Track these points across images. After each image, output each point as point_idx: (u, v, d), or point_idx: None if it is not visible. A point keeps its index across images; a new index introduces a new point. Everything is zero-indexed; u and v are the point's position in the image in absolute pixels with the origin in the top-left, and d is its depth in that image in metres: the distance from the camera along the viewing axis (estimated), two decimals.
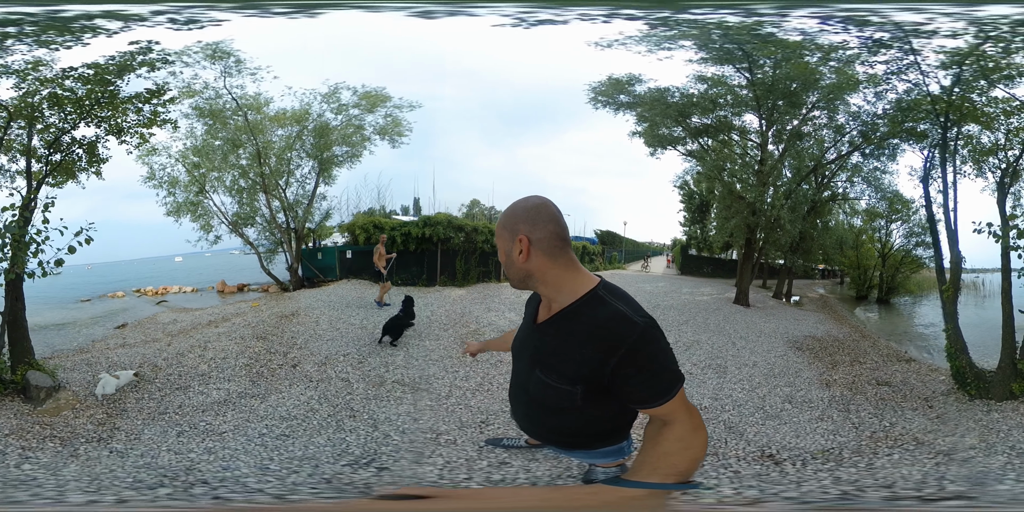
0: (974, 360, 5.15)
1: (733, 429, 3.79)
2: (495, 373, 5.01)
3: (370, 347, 6.05)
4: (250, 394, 4.54)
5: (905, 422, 4.18)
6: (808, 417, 4.17)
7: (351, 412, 4.07)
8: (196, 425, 3.87)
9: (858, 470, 3.16)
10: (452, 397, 4.38)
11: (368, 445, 3.39)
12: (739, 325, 8.10)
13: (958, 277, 5.63)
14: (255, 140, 11.07)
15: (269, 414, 4.06)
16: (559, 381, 1.14)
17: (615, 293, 1.13)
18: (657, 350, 1.09)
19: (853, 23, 6.31)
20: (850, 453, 3.47)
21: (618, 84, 9.99)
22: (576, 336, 1.11)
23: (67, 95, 5.78)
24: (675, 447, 1.09)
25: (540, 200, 1.16)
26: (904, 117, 7.68)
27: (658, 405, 1.09)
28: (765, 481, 2.97)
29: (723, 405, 4.32)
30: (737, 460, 3.25)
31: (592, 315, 1.09)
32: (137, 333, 7.53)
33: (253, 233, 11.87)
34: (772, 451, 3.43)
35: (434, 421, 3.82)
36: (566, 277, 1.14)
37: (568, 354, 1.12)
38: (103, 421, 4.04)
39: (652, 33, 7.44)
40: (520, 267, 1.14)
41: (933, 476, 3.06)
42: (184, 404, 4.34)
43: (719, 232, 12.71)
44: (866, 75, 7.76)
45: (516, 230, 1.12)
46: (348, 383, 4.78)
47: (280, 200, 11.71)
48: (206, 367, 5.27)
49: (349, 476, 2.91)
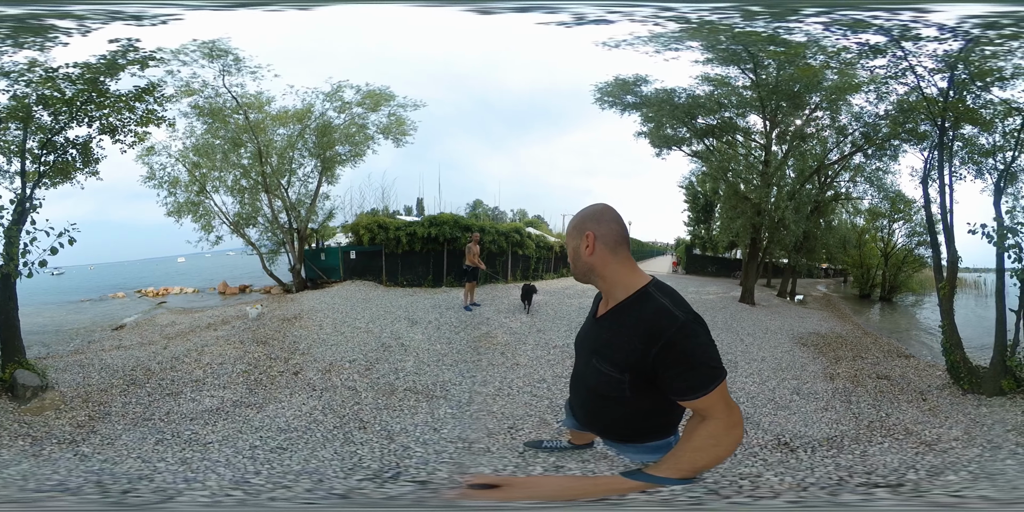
0: (971, 357, 5.68)
1: (749, 419, 4.23)
2: (513, 377, 5.05)
3: (377, 353, 5.88)
4: (246, 403, 4.43)
5: (900, 413, 4.73)
6: (814, 407, 4.74)
7: (360, 423, 3.92)
8: (180, 433, 3.81)
9: (854, 457, 3.63)
10: (473, 404, 4.31)
11: (387, 458, 3.27)
12: (746, 323, 8.68)
13: (955, 275, 6.17)
14: (256, 139, 11.27)
15: (265, 425, 3.93)
16: (610, 369, 1.28)
17: (663, 290, 1.29)
18: (696, 344, 1.19)
19: (854, 25, 6.73)
20: (849, 441, 3.98)
21: (625, 85, 10.47)
22: (626, 328, 1.26)
23: (55, 95, 5.92)
24: (705, 443, 1.20)
25: (605, 206, 1.37)
26: (905, 118, 8.19)
27: (695, 398, 1.19)
28: (787, 468, 3.37)
29: (737, 398, 4.78)
30: (760, 448, 3.69)
31: (640, 309, 1.25)
32: (134, 335, 7.62)
33: (255, 233, 12.15)
34: (786, 439, 3.88)
35: (460, 430, 3.73)
36: (623, 273, 1.31)
37: (619, 344, 1.27)
38: (83, 423, 4.07)
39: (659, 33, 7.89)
40: (585, 261, 1.33)
41: (907, 465, 3.44)
42: (172, 411, 4.29)
43: (723, 232, 13.26)
44: (867, 77, 8.20)
45: (584, 228, 1.33)
46: (355, 392, 4.67)
47: (282, 200, 11.96)
48: (201, 373, 5.24)
49: (374, 490, 2.78)
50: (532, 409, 4.19)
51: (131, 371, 5.35)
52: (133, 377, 5.16)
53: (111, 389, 4.86)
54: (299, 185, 12.22)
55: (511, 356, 5.81)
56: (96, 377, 5.22)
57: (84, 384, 5.01)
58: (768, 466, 3.39)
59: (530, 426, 3.80)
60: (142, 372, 5.30)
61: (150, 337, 7.34)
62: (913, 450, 3.80)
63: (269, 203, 11.89)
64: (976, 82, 6.30)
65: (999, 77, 6.21)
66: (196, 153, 11.34)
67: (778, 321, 9.22)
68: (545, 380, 4.95)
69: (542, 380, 4.97)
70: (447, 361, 5.66)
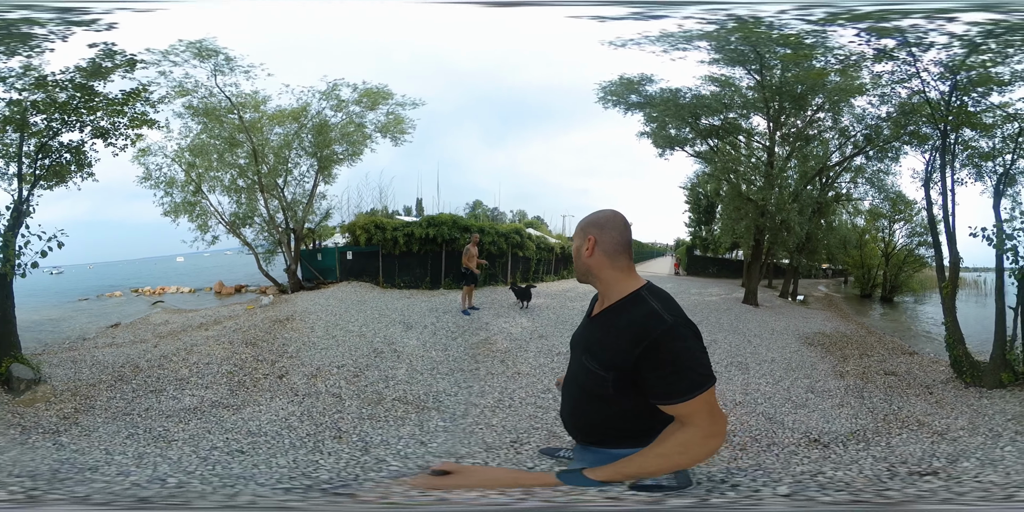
0: (972, 353, 5.91)
1: (773, 419, 4.32)
2: (514, 387, 4.88)
3: (368, 359, 5.76)
4: (224, 404, 4.45)
5: (910, 406, 4.91)
6: (830, 404, 4.87)
7: (337, 432, 3.82)
8: (152, 429, 3.89)
9: (881, 449, 3.78)
10: (469, 416, 4.13)
11: (349, 470, 3.13)
12: (752, 324, 8.83)
13: (956, 275, 6.42)
14: (251, 138, 11.22)
15: (237, 427, 3.92)
16: (597, 367, 1.32)
17: (656, 294, 1.33)
18: (681, 348, 1.20)
19: (879, 31, 6.88)
20: (872, 434, 4.13)
21: (629, 84, 10.61)
22: (616, 328, 1.31)
23: (45, 100, 6.07)
24: (672, 450, 1.20)
25: (613, 212, 1.44)
26: (906, 121, 8.42)
27: (675, 403, 1.19)
28: (834, 463, 3.45)
29: (755, 399, 4.87)
30: (796, 446, 3.78)
31: (631, 311, 1.31)
32: (127, 333, 7.74)
33: (251, 233, 12.12)
34: (815, 436, 3.98)
35: (452, 443, 3.57)
36: (619, 277, 1.38)
37: (607, 343, 1.32)
38: (68, 415, 4.25)
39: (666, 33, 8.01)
40: (584, 262, 1.40)
41: (929, 454, 3.70)
42: (152, 408, 4.38)
43: (726, 233, 13.46)
44: (870, 79, 8.41)
45: (587, 231, 1.41)
46: (339, 399, 4.56)
47: (278, 199, 11.92)
48: (187, 372, 5.31)
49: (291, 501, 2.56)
50: (538, 422, 4.02)
51: (120, 368, 5.45)
52: (121, 374, 5.28)
53: (99, 384, 5.00)
54: (295, 184, 12.22)
55: (512, 364, 5.63)
56: (87, 373, 5.38)
57: (75, 379, 5.21)
58: (814, 462, 3.49)
59: (537, 439, 3.67)
60: (130, 369, 5.41)
61: (142, 335, 7.45)
62: (928, 440, 3.99)
63: (265, 203, 11.84)
64: (977, 88, 6.51)
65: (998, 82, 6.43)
66: (192, 153, 11.29)
67: (783, 322, 9.39)
68: (550, 390, 4.77)
69: (547, 390, 4.79)
70: (442, 369, 5.49)
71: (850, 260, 17.16)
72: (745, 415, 4.42)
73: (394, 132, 12.36)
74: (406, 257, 11.84)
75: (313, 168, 12.25)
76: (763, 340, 7.63)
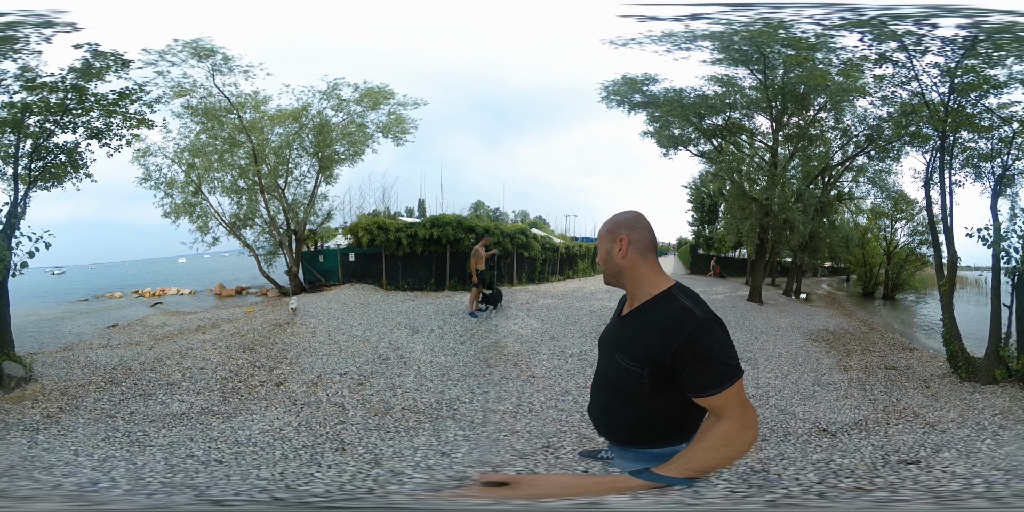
0: (969, 350, 6.48)
1: (784, 411, 4.85)
2: (531, 391, 4.92)
3: (373, 365, 5.71)
4: (214, 411, 4.41)
5: (908, 399, 5.50)
6: (835, 396, 5.45)
7: (340, 444, 3.71)
8: (131, 433, 3.89)
9: (879, 438, 4.26)
10: (489, 423, 4.09)
11: (357, 482, 3.05)
12: (757, 321, 9.46)
13: (954, 274, 7.00)
14: (251, 138, 11.50)
15: (223, 436, 3.84)
16: (631, 364, 1.41)
17: (686, 293, 1.44)
18: (713, 342, 1.31)
19: (857, 28, 7.39)
20: (872, 424, 4.68)
21: (633, 83, 11.11)
22: (649, 325, 1.40)
23: (37, 102, 6.35)
24: (717, 443, 1.28)
25: (636, 213, 1.54)
26: (907, 121, 8.96)
27: (710, 395, 1.30)
28: (840, 451, 3.86)
29: (766, 392, 5.41)
30: (808, 436, 4.20)
31: (663, 309, 1.40)
32: (123, 335, 7.83)
33: (251, 235, 12.36)
34: (823, 426, 4.48)
35: (479, 452, 3.51)
36: (649, 276, 1.47)
37: (640, 340, 1.40)
38: (52, 414, 4.34)
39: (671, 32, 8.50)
40: (617, 263, 1.49)
41: (919, 443, 4.09)
42: (137, 411, 4.40)
43: (730, 232, 14.06)
44: (872, 80, 8.91)
45: (618, 233, 1.49)
46: (342, 409, 4.48)
47: (279, 200, 12.22)
48: (179, 376, 5.35)
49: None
50: (564, 425, 4.10)
51: (112, 370, 5.57)
52: (112, 376, 5.40)
53: (88, 385, 5.13)
54: (296, 185, 12.46)
55: (526, 368, 5.72)
56: (78, 373, 5.52)
57: (66, 379, 5.30)
58: (826, 451, 3.93)
59: (570, 442, 3.71)
60: (122, 371, 5.52)
61: (138, 337, 7.52)
62: (920, 430, 4.52)
63: (266, 204, 12.10)
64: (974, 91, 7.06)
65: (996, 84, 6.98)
66: (192, 154, 11.55)
67: (788, 319, 10.04)
68: (569, 392, 4.88)
69: (565, 392, 4.89)
70: (453, 375, 5.46)
71: (852, 259, 17.91)
72: (759, 407, 4.90)
73: (396, 132, 12.65)
74: (410, 258, 12.10)
75: (314, 168, 12.55)
76: (769, 336, 8.25)
